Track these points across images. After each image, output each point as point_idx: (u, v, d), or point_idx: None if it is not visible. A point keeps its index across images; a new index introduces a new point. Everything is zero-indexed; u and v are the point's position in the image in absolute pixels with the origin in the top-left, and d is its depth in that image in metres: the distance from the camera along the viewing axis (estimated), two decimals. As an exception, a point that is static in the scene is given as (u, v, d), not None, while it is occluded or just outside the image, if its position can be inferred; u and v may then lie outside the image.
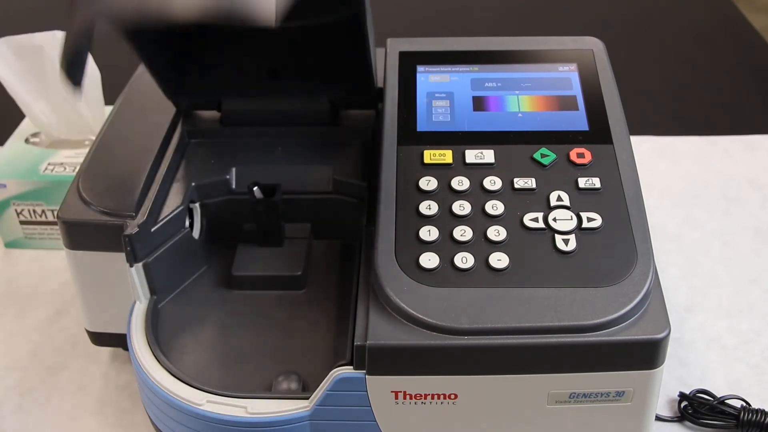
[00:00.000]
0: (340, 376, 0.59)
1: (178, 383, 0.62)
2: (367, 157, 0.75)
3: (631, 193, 0.65)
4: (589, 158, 0.68)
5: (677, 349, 0.79)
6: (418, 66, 0.77)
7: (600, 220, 0.63)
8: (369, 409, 0.60)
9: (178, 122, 0.78)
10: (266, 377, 0.66)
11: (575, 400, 0.60)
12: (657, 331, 0.58)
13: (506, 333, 0.57)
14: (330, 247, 0.77)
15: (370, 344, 0.58)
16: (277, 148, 0.77)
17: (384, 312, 0.59)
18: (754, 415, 0.70)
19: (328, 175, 0.75)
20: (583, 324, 0.57)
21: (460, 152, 0.68)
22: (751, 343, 0.80)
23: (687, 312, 0.83)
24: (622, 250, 0.61)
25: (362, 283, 0.63)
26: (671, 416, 0.73)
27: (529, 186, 0.66)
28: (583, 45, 0.79)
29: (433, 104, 0.73)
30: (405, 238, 0.63)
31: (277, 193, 0.71)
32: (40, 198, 0.90)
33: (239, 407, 0.61)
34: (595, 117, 0.71)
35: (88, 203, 0.70)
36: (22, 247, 0.94)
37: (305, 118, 0.77)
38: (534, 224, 0.63)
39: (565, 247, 0.61)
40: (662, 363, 0.59)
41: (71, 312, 0.85)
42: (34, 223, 0.92)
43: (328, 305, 0.72)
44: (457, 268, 0.60)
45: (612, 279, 0.60)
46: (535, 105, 0.73)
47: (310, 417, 0.61)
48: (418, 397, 0.60)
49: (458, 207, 0.64)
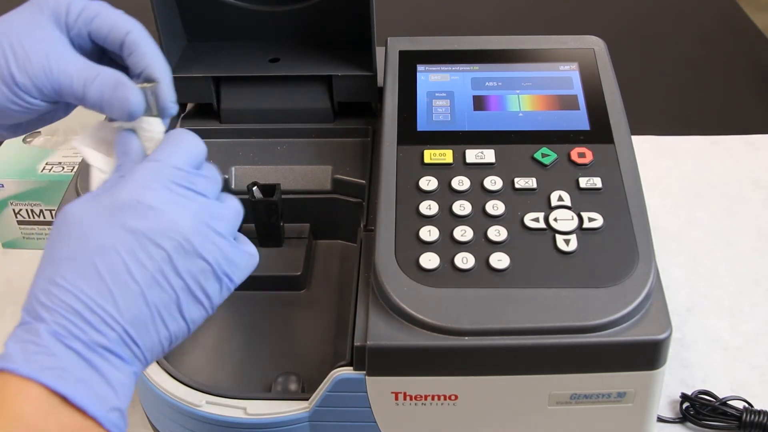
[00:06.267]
0: (340, 376, 0.59)
1: (177, 384, 0.62)
2: (367, 157, 0.75)
3: (632, 193, 0.65)
4: (590, 158, 0.67)
5: (679, 349, 0.79)
6: (419, 65, 0.77)
7: (601, 220, 0.63)
8: (369, 410, 0.60)
9: (177, 120, 0.78)
10: (266, 378, 0.65)
11: (576, 401, 0.60)
12: (658, 332, 0.57)
13: (507, 334, 0.57)
14: (330, 247, 0.77)
15: (370, 345, 0.57)
16: (276, 148, 0.76)
17: (384, 312, 0.59)
18: (756, 417, 0.70)
19: (328, 175, 0.74)
20: (584, 324, 0.57)
21: (460, 152, 0.68)
22: (754, 343, 0.79)
23: (688, 312, 0.83)
24: (624, 251, 0.61)
25: (362, 284, 0.62)
26: (673, 417, 0.73)
27: (529, 186, 0.65)
28: (585, 44, 0.78)
29: (434, 104, 0.73)
30: (405, 238, 0.62)
31: (277, 193, 0.71)
32: (37, 198, 0.89)
33: (238, 408, 0.60)
34: (596, 116, 0.71)
35: (86, 203, 0.69)
36: (20, 247, 0.94)
37: (305, 117, 0.77)
38: (535, 224, 0.63)
39: (566, 248, 0.61)
40: (664, 364, 0.59)
41: (70, 312, 0.85)
42: (32, 223, 0.91)
43: (328, 305, 0.71)
44: (458, 268, 0.60)
45: (613, 279, 0.59)
46: (535, 104, 0.72)
47: (309, 418, 0.60)
48: (418, 398, 0.59)
49: (459, 207, 0.64)
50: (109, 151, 0.54)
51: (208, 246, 0.49)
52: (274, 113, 0.77)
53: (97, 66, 0.53)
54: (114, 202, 0.48)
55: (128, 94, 0.52)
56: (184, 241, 0.48)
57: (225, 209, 0.51)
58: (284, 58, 0.78)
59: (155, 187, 0.48)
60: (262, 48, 0.79)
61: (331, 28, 0.78)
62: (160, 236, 0.47)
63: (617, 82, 0.74)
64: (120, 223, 0.47)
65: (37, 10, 0.54)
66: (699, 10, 1.44)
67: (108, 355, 0.45)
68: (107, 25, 0.55)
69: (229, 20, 0.78)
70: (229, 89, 0.77)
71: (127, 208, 0.47)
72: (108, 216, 0.47)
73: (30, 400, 0.43)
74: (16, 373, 0.43)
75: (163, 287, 0.47)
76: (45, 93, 0.53)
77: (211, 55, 0.78)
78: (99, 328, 0.45)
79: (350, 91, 0.77)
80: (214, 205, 0.50)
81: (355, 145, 0.77)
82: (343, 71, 0.76)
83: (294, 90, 0.77)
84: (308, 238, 0.75)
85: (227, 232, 0.50)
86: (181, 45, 0.79)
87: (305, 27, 0.78)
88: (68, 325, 0.45)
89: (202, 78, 0.76)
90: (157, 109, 0.54)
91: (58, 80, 0.52)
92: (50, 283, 0.46)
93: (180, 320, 0.48)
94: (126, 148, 0.52)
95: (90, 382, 0.44)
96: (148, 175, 0.49)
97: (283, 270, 0.72)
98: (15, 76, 0.52)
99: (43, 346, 0.44)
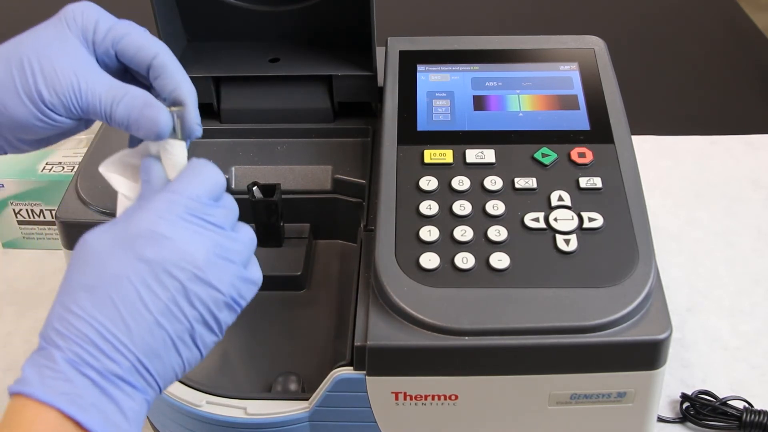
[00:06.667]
0: (340, 376, 0.59)
1: (177, 384, 0.62)
2: (367, 157, 0.75)
3: (632, 193, 0.65)
4: (591, 158, 0.67)
5: (679, 349, 0.78)
6: (419, 65, 0.77)
7: (601, 220, 0.63)
8: (369, 410, 0.60)
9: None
10: (266, 378, 0.65)
11: (576, 401, 0.60)
12: (658, 332, 0.57)
13: (507, 333, 0.57)
14: (330, 247, 0.77)
15: (370, 345, 0.57)
16: (276, 148, 0.76)
17: (384, 312, 0.59)
18: (756, 416, 0.70)
19: (328, 175, 0.74)
20: (584, 324, 0.57)
21: (460, 152, 0.68)
22: (754, 343, 0.79)
23: (689, 312, 0.83)
24: (624, 251, 0.61)
25: (362, 284, 0.62)
26: (673, 417, 0.73)
27: (529, 186, 0.65)
28: (585, 44, 0.78)
29: (434, 104, 0.73)
30: (405, 238, 0.62)
31: (277, 193, 0.71)
32: (38, 198, 0.89)
33: (238, 408, 0.60)
34: (596, 116, 0.71)
35: (86, 203, 0.69)
36: (20, 247, 0.94)
37: (305, 117, 0.77)
38: (535, 224, 0.63)
39: (566, 247, 0.61)
40: (664, 364, 0.59)
41: (70, 312, 0.85)
42: (32, 223, 0.91)
43: (328, 305, 0.71)
44: (458, 268, 0.60)
45: (613, 279, 0.59)
46: (536, 104, 0.72)
47: (309, 418, 0.60)
48: (418, 397, 0.59)
49: (459, 207, 0.64)
50: (134, 177, 0.55)
51: (222, 276, 0.49)
52: (274, 113, 0.77)
53: (124, 85, 0.54)
54: (130, 231, 0.48)
55: (158, 114, 0.53)
56: (197, 271, 0.48)
57: (239, 240, 0.52)
58: (284, 58, 0.78)
59: (170, 217, 0.49)
60: (262, 48, 0.79)
61: (331, 28, 0.78)
62: (173, 266, 0.48)
63: (617, 82, 0.74)
64: (135, 253, 0.48)
65: (64, 27, 0.55)
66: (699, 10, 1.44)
67: (121, 384, 0.46)
68: (134, 47, 0.55)
69: (229, 20, 0.78)
70: (229, 89, 0.77)
71: (142, 238, 0.48)
72: (123, 246, 0.48)
73: (45, 423, 0.44)
74: (33, 397, 0.45)
75: (176, 317, 0.48)
76: (72, 111, 0.53)
77: (211, 55, 0.78)
78: (112, 357, 0.46)
79: (350, 91, 0.77)
80: (229, 236, 0.51)
81: (355, 145, 0.77)
82: (343, 71, 0.76)
83: (294, 90, 0.77)
84: (308, 238, 0.75)
85: (240, 261, 0.51)
86: (181, 45, 0.79)
87: (305, 27, 0.78)
88: (82, 353, 0.46)
89: (202, 78, 0.76)
90: (182, 132, 0.55)
91: (86, 99, 0.53)
92: (66, 311, 0.47)
93: (193, 348, 0.49)
94: (148, 177, 0.53)
95: (103, 409, 0.45)
96: (164, 206, 0.49)
97: (283, 270, 0.72)
98: (42, 94, 0.52)
99: (60, 372, 0.45)
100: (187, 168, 0.53)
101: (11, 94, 0.52)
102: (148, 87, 0.56)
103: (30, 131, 0.54)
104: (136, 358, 0.47)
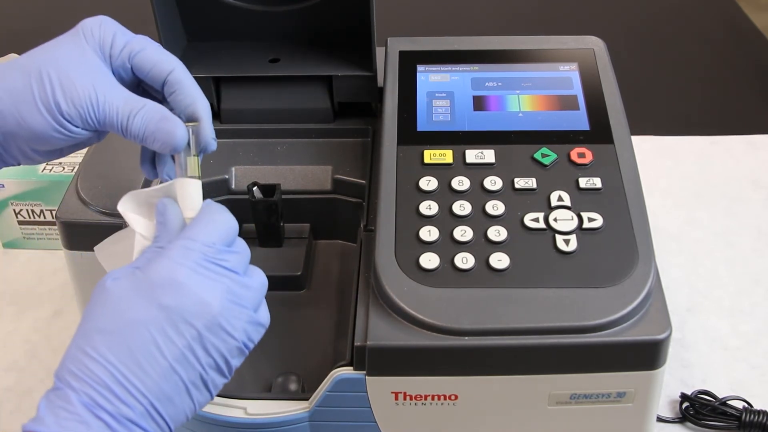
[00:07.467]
0: (340, 376, 0.59)
1: (176, 384, 0.62)
2: (367, 157, 0.75)
3: (632, 193, 0.65)
4: (590, 158, 0.67)
5: (679, 349, 0.79)
6: (419, 65, 0.77)
7: (601, 220, 0.63)
8: (369, 410, 0.60)
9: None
10: (266, 378, 0.65)
11: (576, 401, 0.60)
12: (658, 332, 0.57)
13: (507, 334, 0.57)
14: (330, 247, 0.77)
15: (370, 345, 0.57)
16: (276, 148, 0.76)
17: (384, 312, 0.59)
18: (756, 417, 0.70)
19: (328, 175, 0.74)
20: (583, 324, 0.57)
21: (460, 152, 0.68)
22: (754, 343, 0.79)
23: (688, 313, 0.83)
24: (623, 251, 0.61)
25: (362, 284, 0.62)
26: (673, 417, 0.73)
27: (529, 186, 0.65)
28: (584, 44, 0.78)
29: (434, 104, 0.73)
30: (405, 238, 0.62)
31: (277, 193, 0.71)
32: (38, 198, 0.89)
33: (238, 408, 0.60)
34: (596, 117, 0.71)
35: (86, 203, 0.69)
36: (21, 247, 0.94)
37: (305, 117, 0.77)
38: (535, 224, 0.63)
39: (565, 248, 0.61)
40: (663, 364, 0.59)
41: (70, 312, 0.85)
42: (32, 223, 0.91)
43: (328, 305, 0.71)
44: (458, 268, 0.60)
45: (613, 279, 0.59)
46: (535, 104, 0.72)
47: (309, 418, 0.60)
48: (418, 397, 0.59)
49: (458, 207, 0.64)
50: (150, 215, 0.55)
51: (236, 323, 0.50)
52: (274, 113, 0.77)
53: (141, 98, 0.55)
54: (148, 278, 0.49)
55: (174, 128, 0.54)
56: (213, 319, 0.49)
57: (251, 286, 0.52)
58: (284, 58, 0.78)
59: (188, 265, 0.50)
60: (262, 48, 0.79)
61: (331, 28, 0.78)
62: (191, 315, 0.49)
63: (617, 82, 0.74)
64: (153, 300, 0.48)
65: (81, 40, 0.55)
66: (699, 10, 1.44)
67: (134, 428, 0.47)
68: (150, 61, 0.56)
69: (229, 20, 0.78)
70: (229, 89, 0.77)
71: (161, 285, 0.49)
72: (142, 292, 0.49)
73: None
74: None
75: (191, 364, 0.49)
76: (89, 122, 0.54)
77: (211, 55, 0.78)
78: (126, 401, 0.47)
79: (350, 91, 0.77)
80: (242, 281, 0.51)
81: (355, 145, 0.77)
82: (343, 71, 0.76)
83: (294, 90, 0.77)
84: (308, 238, 0.75)
85: (252, 306, 0.52)
86: (181, 45, 0.79)
87: (305, 27, 0.78)
88: (96, 396, 0.46)
89: (202, 78, 0.76)
90: (196, 147, 0.56)
91: (104, 111, 0.54)
92: (81, 353, 0.47)
93: (204, 391, 0.50)
94: (165, 218, 0.53)
95: None
96: (182, 253, 0.50)
97: (283, 270, 0.72)
98: (60, 105, 0.53)
99: (75, 413, 0.46)
100: (202, 213, 0.53)
101: (29, 105, 0.53)
102: (160, 101, 0.56)
103: (46, 142, 0.55)
104: (150, 403, 0.47)
